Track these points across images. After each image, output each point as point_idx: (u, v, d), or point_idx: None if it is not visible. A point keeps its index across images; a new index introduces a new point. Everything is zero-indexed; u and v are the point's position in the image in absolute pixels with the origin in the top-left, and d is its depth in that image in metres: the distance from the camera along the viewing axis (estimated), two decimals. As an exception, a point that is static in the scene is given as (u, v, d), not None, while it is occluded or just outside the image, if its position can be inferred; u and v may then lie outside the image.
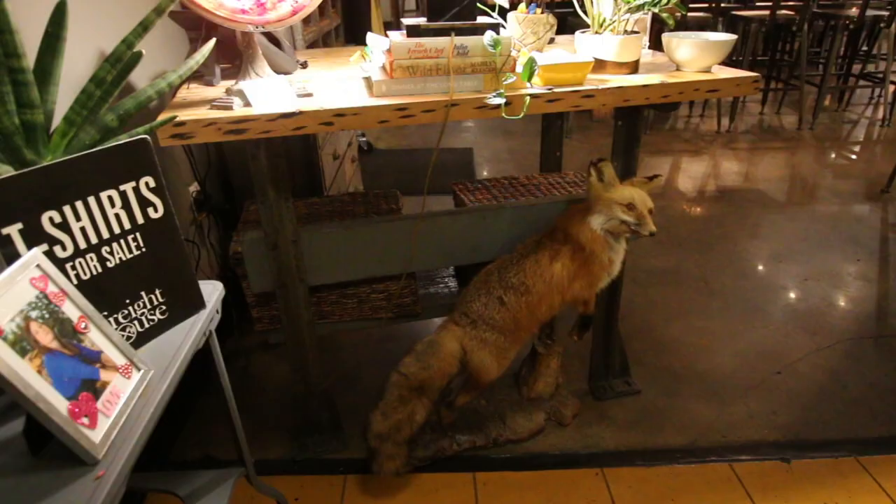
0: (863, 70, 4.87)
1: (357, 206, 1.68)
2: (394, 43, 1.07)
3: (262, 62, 1.10)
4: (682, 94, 1.24)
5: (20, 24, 1.11)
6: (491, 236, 1.51)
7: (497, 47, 1.07)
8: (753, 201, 3.14)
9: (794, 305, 2.22)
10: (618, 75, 1.27)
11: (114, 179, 0.74)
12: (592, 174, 1.34)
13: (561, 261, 1.38)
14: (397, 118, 1.07)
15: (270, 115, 1.02)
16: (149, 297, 0.81)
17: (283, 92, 1.09)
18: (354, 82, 1.27)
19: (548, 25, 1.25)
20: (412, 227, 1.42)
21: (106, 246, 0.75)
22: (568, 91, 1.15)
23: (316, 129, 1.05)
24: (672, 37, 1.27)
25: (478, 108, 1.10)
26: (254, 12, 1.03)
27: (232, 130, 1.01)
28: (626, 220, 1.31)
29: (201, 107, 1.08)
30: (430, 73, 1.10)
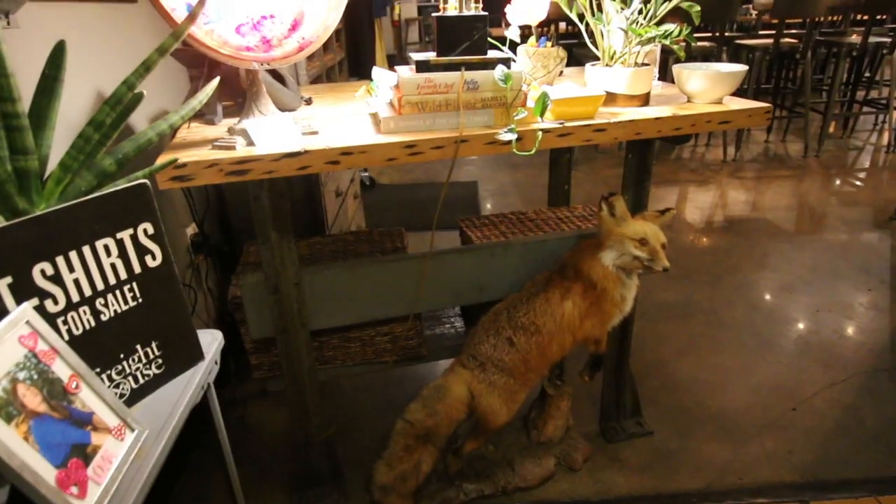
0: (866, 96, 4.88)
1: (361, 245, 1.64)
2: (402, 78, 1.05)
3: (265, 100, 1.07)
4: (695, 126, 1.21)
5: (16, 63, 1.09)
6: (499, 274, 1.47)
7: (508, 82, 1.04)
8: (761, 231, 3.10)
9: (807, 338, 2.16)
10: (629, 108, 1.24)
11: (111, 227, 0.71)
12: (603, 209, 1.31)
13: (572, 299, 1.34)
14: (405, 156, 1.04)
15: (274, 155, 0.99)
16: (144, 351, 0.76)
17: (287, 130, 1.06)
18: (361, 118, 1.24)
19: (558, 59, 1.23)
20: (418, 266, 1.38)
21: (101, 298, 0.71)
22: (579, 125, 1.12)
23: (321, 168, 1.02)
24: (683, 68, 1.25)
25: (488, 144, 1.07)
26: (259, 49, 1.00)
27: (234, 171, 0.98)
28: (638, 255, 1.27)
29: (202, 147, 1.05)
30: (440, 108, 1.08)
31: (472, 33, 1.04)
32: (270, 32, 0.99)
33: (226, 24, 0.95)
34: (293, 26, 1.01)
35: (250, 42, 0.98)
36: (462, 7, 1.05)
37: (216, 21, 0.94)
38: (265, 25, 0.98)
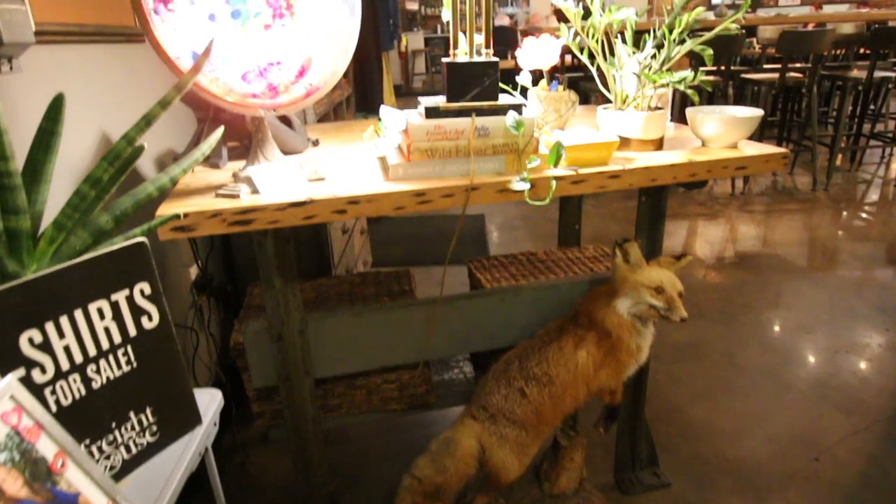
0: (873, 129, 4.87)
1: (367, 287, 1.60)
2: (412, 125, 1.02)
3: (271, 145, 1.05)
4: (711, 173, 1.17)
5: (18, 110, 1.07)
6: (510, 320, 1.42)
7: (520, 129, 1.01)
8: (774, 267, 3.05)
9: (826, 381, 2.09)
10: (643, 152, 1.21)
11: (105, 289, 0.67)
12: (618, 255, 1.27)
13: (586, 348, 1.29)
14: (414, 204, 1.01)
15: (279, 204, 0.95)
16: (138, 418, 0.72)
17: (293, 177, 1.03)
18: (369, 162, 1.21)
19: (570, 103, 1.20)
20: (427, 313, 1.34)
21: (92, 364, 0.67)
22: (593, 172, 1.08)
23: (328, 217, 0.98)
24: (697, 112, 1.22)
25: (500, 192, 1.04)
26: (265, 96, 0.98)
27: (238, 221, 0.95)
28: (654, 304, 1.23)
29: (206, 194, 1.02)
30: (450, 155, 1.04)
31: (483, 79, 1.02)
32: (277, 79, 0.97)
33: (231, 71, 0.93)
34: (300, 72, 0.99)
35: (256, 89, 0.96)
36: (472, 53, 1.03)
37: (221, 68, 0.92)
38: (272, 72, 0.96)
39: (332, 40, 1.00)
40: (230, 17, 0.90)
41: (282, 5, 0.93)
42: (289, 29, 0.95)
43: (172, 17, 0.86)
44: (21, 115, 1.08)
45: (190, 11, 0.86)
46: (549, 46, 1.15)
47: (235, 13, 0.90)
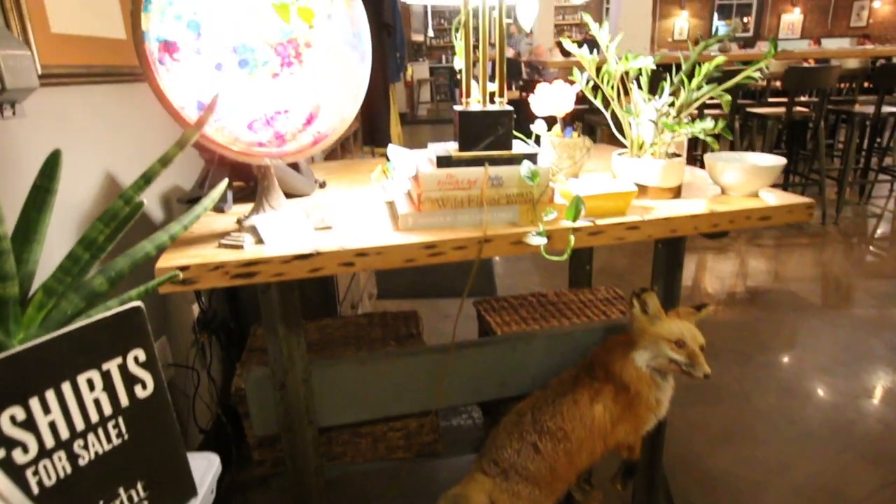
0: (881, 163, 4.84)
1: (374, 330, 1.55)
2: (423, 174, 0.98)
3: (277, 193, 1.01)
4: (733, 223, 1.13)
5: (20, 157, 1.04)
6: (521, 368, 1.37)
7: (535, 179, 0.97)
8: (787, 304, 2.98)
9: (849, 428, 2.02)
10: (661, 201, 1.17)
11: (96, 358, 0.63)
12: (635, 305, 1.22)
13: (602, 402, 1.23)
14: (425, 257, 0.97)
15: (284, 257, 0.91)
16: (128, 495, 0.67)
17: (299, 226, 0.99)
18: (377, 207, 1.18)
19: (584, 149, 1.17)
20: (435, 361, 1.29)
21: (79, 440, 0.62)
22: (611, 223, 1.04)
23: (335, 270, 0.94)
24: (717, 160, 1.18)
25: (514, 244, 0.99)
26: (272, 145, 0.95)
27: (241, 274, 0.91)
28: (675, 358, 1.17)
29: (208, 243, 0.98)
30: (462, 205, 1.01)
31: (497, 128, 0.98)
32: (284, 127, 0.94)
33: (237, 120, 0.90)
34: (308, 120, 0.96)
35: (263, 137, 0.93)
36: (486, 101, 1.00)
37: (227, 117, 0.89)
38: (279, 120, 0.93)
39: (341, 87, 0.98)
40: (237, 66, 0.87)
41: (290, 54, 0.90)
42: (297, 77, 0.92)
43: (178, 66, 0.83)
44: (24, 159, 1.05)
45: (196, 61, 0.84)
46: (563, 93, 1.12)
47: (243, 62, 0.87)
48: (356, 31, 0.97)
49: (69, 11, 1.19)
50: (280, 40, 0.89)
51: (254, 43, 0.87)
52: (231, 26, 0.85)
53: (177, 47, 0.83)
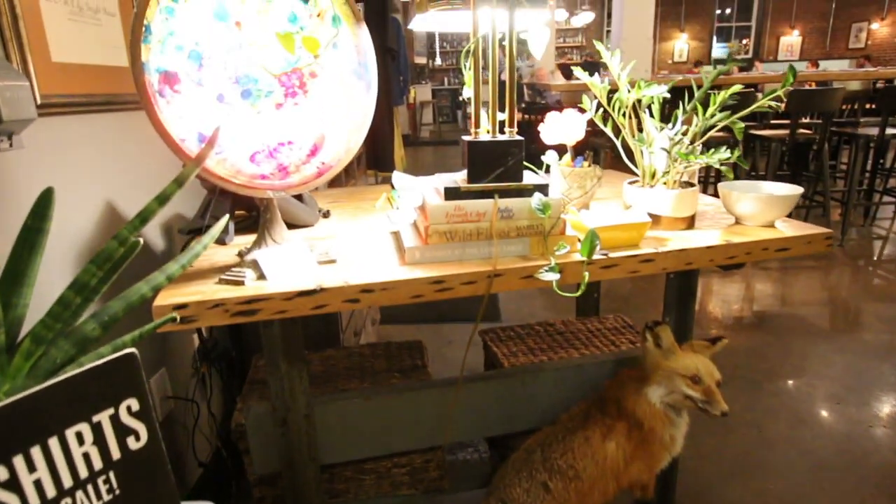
0: (885, 185, 4.82)
1: (377, 361, 1.51)
2: (430, 206, 0.95)
3: (280, 226, 0.98)
4: (750, 255, 1.10)
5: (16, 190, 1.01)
6: (530, 403, 1.33)
7: (546, 212, 0.94)
8: (795, 329, 2.93)
9: (865, 460, 1.96)
10: (674, 231, 1.14)
11: (86, 410, 0.59)
12: (648, 339, 1.18)
13: (615, 439, 1.18)
14: (432, 292, 0.93)
15: (287, 294, 0.88)
16: (119, 555, 0.62)
17: (302, 260, 0.96)
18: (382, 239, 1.15)
19: (595, 179, 1.14)
20: (441, 396, 1.25)
21: (67, 497, 0.58)
22: (625, 256, 1.01)
23: (339, 307, 0.91)
24: (731, 190, 1.15)
25: (525, 279, 0.96)
26: (275, 177, 0.92)
27: (242, 312, 0.87)
28: (690, 395, 1.13)
29: (209, 278, 0.95)
30: (470, 238, 0.97)
31: (507, 159, 0.95)
32: (288, 159, 0.91)
33: (239, 152, 0.87)
34: (313, 151, 0.93)
35: (265, 170, 0.90)
36: (495, 131, 0.97)
37: (229, 149, 0.86)
38: (282, 152, 0.90)
39: (346, 117, 0.95)
40: (240, 96, 0.84)
41: (295, 84, 0.88)
42: (302, 108, 0.89)
43: (179, 98, 0.80)
44: (21, 192, 1.03)
45: (197, 92, 0.81)
46: (573, 121, 1.10)
47: (246, 93, 0.85)
48: (362, 60, 0.94)
49: (71, 40, 1.17)
50: (284, 70, 0.87)
51: (257, 73, 0.85)
52: (234, 56, 0.83)
53: (178, 78, 0.81)
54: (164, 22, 0.77)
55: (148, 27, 0.77)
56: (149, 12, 0.76)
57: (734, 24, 13.18)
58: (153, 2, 0.76)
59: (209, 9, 0.80)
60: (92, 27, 1.25)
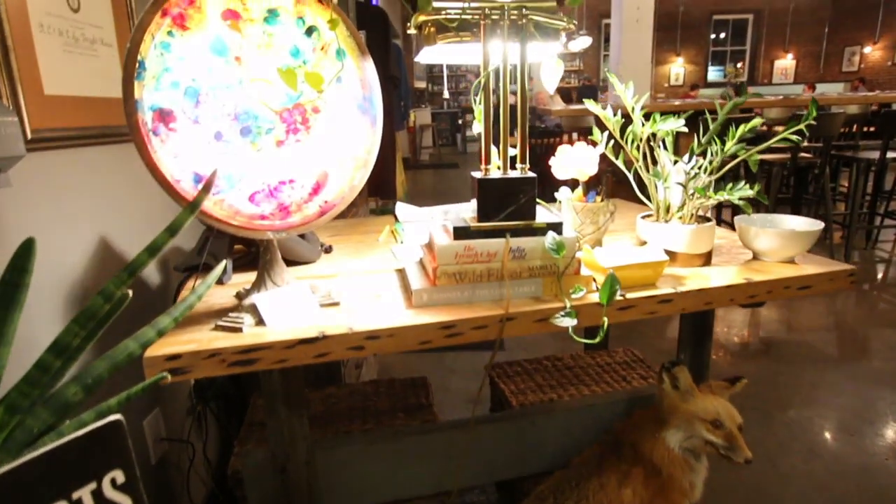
0: (886, 208, 4.81)
1: (381, 400, 1.45)
2: (439, 247, 0.91)
3: (280, 268, 0.93)
4: (771, 294, 1.05)
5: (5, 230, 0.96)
6: (541, 445, 1.27)
7: (561, 252, 0.90)
8: (804, 356, 2.88)
9: (884, 495, 1.89)
10: (690, 268, 1.09)
11: (66, 486, 0.53)
12: (665, 380, 1.12)
13: (631, 486, 1.12)
14: (442, 338, 0.88)
15: (287, 342, 0.83)
16: None
17: (304, 304, 0.91)
18: (387, 277, 1.10)
19: (608, 214, 1.10)
20: (448, 439, 1.19)
21: (43, 586, 0.52)
22: (643, 296, 0.96)
23: (343, 354, 0.85)
24: (750, 225, 1.11)
25: (538, 322, 0.91)
26: (275, 217, 0.87)
27: (239, 361, 0.82)
28: (711, 440, 1.08)
29: (204, 323, 0.89)
30: (480, 279, 0.93)
31: (519, 196, 0.91)
32: (289, 198, 0.87)
33: (238, 192, 0.83)
34: (315, 189, 0.89)
35: (265, 210, 0.85)
36: (506, 168, 0.93)
37: (227, 190, 0.81)
38: (283, 191, 0.86)
39: (350, 154, 0.91)
40: (239, 134, 0.80)
41: (297, 120, 0.84)
42: (304, 145, 0.85)
43: (174, 136, 0.76)
44: (8, 232, 0.98)
45: (194, 130, 0.77)
46: (585, 156, 1.06)
47: (245, 130, 0.80)
48: (367, 94, 0.90)
49: (66, 72, 1.13)
50: (286, 105, 0.83)
51: (257, 109, 0.81)
52: (233, 93, 0.79)
53: (173, 116, 0.76)
54: (160, 58, 0.73)
55: (142, 63, 0.73)
56: (143, 47, 0.72)
57: (729, 48, 13.34)
58: (147, 37, 0.72)
59: (207, 43, 0.76)
60: (88, 58, 1.22)
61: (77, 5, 1.17)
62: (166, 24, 0.74)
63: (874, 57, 12.22)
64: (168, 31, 0.74)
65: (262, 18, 0.78)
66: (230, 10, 0.77)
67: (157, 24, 0.73)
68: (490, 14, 0.84)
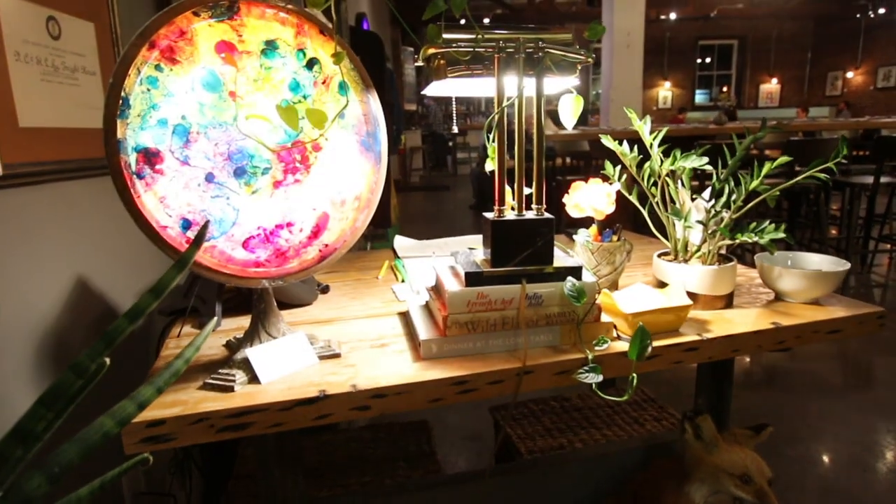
0: (881, 232, 4.82)
1: (379, 447, 1.36)
2: (450, 294, 0.83)
3: (275, 318, 0.85)
4: (800, 339, 0.98)
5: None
6: (554, 499, 1.18)
7: (582, 300, 0.83)
8: (808, 385, 2.81)
9: (903, 537, 1.82)
10: (712, 311, 1.03)
11: None
12: (688, 430, 1.05)
13: (654, 546, 1.04)
14: (454, 394, 0.80)
15: (284, 402, 0.75)
16: None
17: (301, 355, 0.83)
18: (390, 322, 1.02)
19: (624, 253, 1.03)
20: (454, 496, 1.10)
21: None
22: (667, 345, 0.89)
23: (346, 416, 0.77)
24: (773, 265, 1.05)
25: (558, 376, 0.84)
26: (271, 263, 0.80)
27: (230, 427, 0.74)
28: (740, 496, 1.00)
29: (191, 380, 0.81)
30: (494, 328, 0.85)
31: (535, 239, 0.84)
32: (287, 243, 0.79)
33: (231, 238, 0.75)
34: (314, 233, 0.82)
35: (261, 256, 0.78)
36: (521, 209, 0.86)
37: (219, 236, 0.74)
38: (280, 235, 0.78)
39: (353, 194, 0.84)
40: (232, 175, 0.73)
41: (296, 159, 0.77)
42: (303, 185, 0.78)
43: (161, 180, 0.69)
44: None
45: (182, 172, 0.70)
46: (601, 192, 1.00)
47: (239, 171, 0.73)
48: (371, 130, 0.84)
49: (44, 103, 1.06)
50: (284, 144, 0.76)
51: (253, 148, 0.74)
52: (226, 131, 0.72)
53: (160, 157, 0.69)
54: (145, 94, 0.66)
55: (126, 100, 0.65)
56: (127, 82, 0.65)
57: (715, 72, 13.55)
58: (132, 71, 0.65)
59: (199, 78, 0.69)
60: (68, 87, 1.15)
61: (57, 32, 1.10)
62: (154, 57, 0.67)
63: (856, 81, 12.46)
64: (156, 64, 0.67)
65: (260, 51, 0.72)
66: (224, 42, 0.70)
67: (143, 58, 0.67)
68: (505, 47, 0.78)
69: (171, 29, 0.66)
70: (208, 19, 0.69)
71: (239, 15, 0.71)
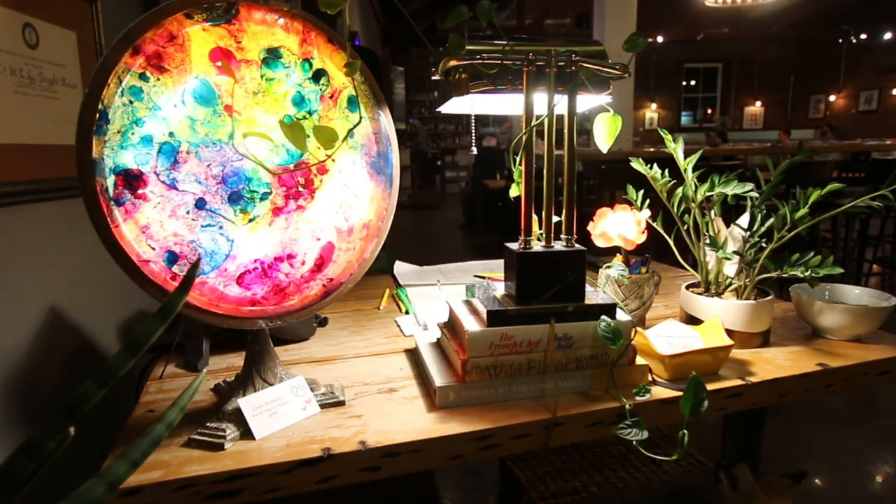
0: (875, 254, 4.82)
1: (380, 494, 1.25)
2: (470, 334, 0.74)
3: (272, 362, 0.75)
4: (849, 382, 0.90)
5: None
6: (572, 554, 1.08)
7: (618, 342, 0.74)
8: (813, 413, 2.74)
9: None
10: (749, 349, 0.94)
11: None
12: (723, 481, 0.96)
13: None
14: (476, 451, 0.71)
15: (283, 465, 0.64)
16: None
17: (300, 404, 0.73)
18: (397, 362, 0.92)
19: (653, 286, 0.95)
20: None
21: None
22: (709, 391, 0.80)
23: (354, 478, 0.67)
24: (813, 299, 0.97)
25: (591, 427, 0.74)
26: (269, 301, 0.70)
27: (219, 493, 0.63)
28: (783, 555, 0.91)
29: (174, 434, 0.71)
30: (519, 372, 0.76)
31: (566, 273, 0.75)
32: (287, 278, 0.70)
33: (223, 273, 0.65)
34: (318, 265, 0.72)
35: (257, 293, 0.68)
36: (550, 240, 0.77)
37: (209, 272, 0.64)
38: (280, 269, 0.69)
39: (361, 222, 0.75)
40: (227, 201, 0.63)
41: (299, 182, 0.67)
42: (306, 212, 0.69)
43: (144, 207, 0.59)
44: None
45: (169, 198, 0.60)
46: (629, 221, 0.91)
47: (234, 196, 0.64)
48: (382, 150, 0.75)
49: (17, 117, 0.96)
50: (286, 165, 0.67)
51: (250, 171, 0.64)
52: (220, 150, 0.62)
53: (143, 180, 0.59)
54: (127, 107, 0.57)
55: (104, 113, 0.56)
56: (106, 93, 0.56)
57: (700, 94, 13.71)
58: (112, 80, 0.55)
59: (190, 89, 0.60)
60: (45, 101, 1.05)
61: (35, 41, 1.01)
62: (138, 64, 0.58)
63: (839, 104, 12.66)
64: (140, 73, 0.57)
65: (260, 60, 0.63)
66: (220, 49, 0.61)
67: (125, 65, 0.57)
68: (535, 60, 0.70)
69: (159, 32, 0.57)
70: (203, 22, 0.60)
71: (238, 19, 0.62)
